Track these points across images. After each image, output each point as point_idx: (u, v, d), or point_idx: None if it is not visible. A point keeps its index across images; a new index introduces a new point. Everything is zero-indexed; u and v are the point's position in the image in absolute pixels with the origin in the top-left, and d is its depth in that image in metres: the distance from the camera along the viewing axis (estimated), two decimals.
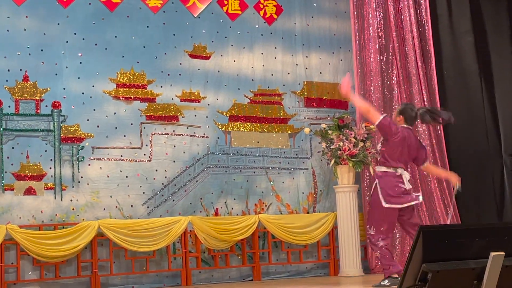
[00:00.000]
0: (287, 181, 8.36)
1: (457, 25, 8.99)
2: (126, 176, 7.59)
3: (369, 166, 8.17)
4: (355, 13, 8.66)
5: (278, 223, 7.99)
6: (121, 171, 7.57)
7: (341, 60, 8.87)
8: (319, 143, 8.42)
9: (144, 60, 7.81)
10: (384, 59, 8.65)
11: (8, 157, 7.08)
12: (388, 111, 8.56)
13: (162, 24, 7.95)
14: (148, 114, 7.79)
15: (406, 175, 6.43)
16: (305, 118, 8.58)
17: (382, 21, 8.69)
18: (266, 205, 8.21)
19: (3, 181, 7.01)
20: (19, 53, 7.25)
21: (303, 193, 8.43)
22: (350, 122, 8.26)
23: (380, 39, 8.66)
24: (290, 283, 7.41)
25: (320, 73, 8.74)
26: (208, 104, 8.11)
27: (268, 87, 8.47)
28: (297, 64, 8.61)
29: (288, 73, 8.56)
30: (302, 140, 8.52)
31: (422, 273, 2.98)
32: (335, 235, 8.25)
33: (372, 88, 8.55)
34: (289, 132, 8.49)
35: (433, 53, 8.80)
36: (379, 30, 8.66)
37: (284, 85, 8.53)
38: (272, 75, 8.48)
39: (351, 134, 8.10)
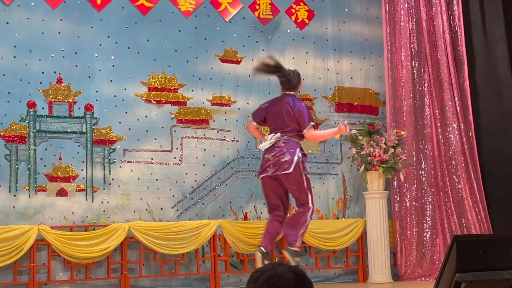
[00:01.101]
0: (317, 186, 8.33)
1: (490, 31, 8.90)
2: (156, 179, 7.63)
3: (399, 173, 8.13)
4: (387, 19, 8.62)
5: (307, 228, 7.96)
6: (151, 174, 7.62)
7: (372, 65, 8.83)
8: (349, 148, 8.39)
9: (176, 63, 7.86)
10: (416, 65, 8.60)
11: (41, 159, 7.17)
12: (419, 118, 8.52)
13: (194, 29, 8.00)
14: (179, 118, 7.84)
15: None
16: (335, 123, 8.53)
17: (414, 27, 8.63)
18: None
19: (36, 182, 7.11)
20: (53, 55, 7.35)
21: (333, 198, 8.40)
22: (380, 128, 8.22)
23: (412, 45, 8.60)
24: None
25: (351, 78, 8.71)
26: (239, 108, 8.13)
27: (299, 92, 8.44)
28: (328, 69, 8.60)
29: (319, 78, 8.55)
30: (332, 145, 8.50)
31: (455, 283, 2.96)
32: (364, 241, 8.20)
33: (403, 94, 8.50)
34: None
35: (466, 59, 8.73)
36: (411, 36, 8.61)
37: (315, 90, 8.52)
38: (303, 79, 8.46)
39: (382, 140, 8.06)
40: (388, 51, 8.57)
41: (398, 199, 8.32)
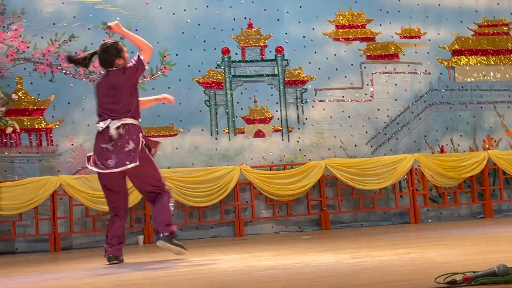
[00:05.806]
0: None
1: None
2: (349, 116, 7.66)
3: None
4: None
5: (510, 159, 7.62)
6: (343, 111, 7.66)
7: None
8: None
9: None
10: None
11: (237, 102, 7.46)
12: None
13: None
14: (368, 54, 7.77)
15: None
16: None
17: None
18: (495, 141, 7.87)
19: (234, 125, 7.42)
20: (242, 2, 7.55)
21: None
22: None
23: None
24: None
25: None
26: (429, 40, 7.88)
27: (494, 17, 8.02)
28: None
29: None
30: None
31: None
32: None
33: None
34: None
35: None
36: None
37: (511, 13, 8.03)
38: (497, 4, 8.01)
39: None
40: None
41: None
